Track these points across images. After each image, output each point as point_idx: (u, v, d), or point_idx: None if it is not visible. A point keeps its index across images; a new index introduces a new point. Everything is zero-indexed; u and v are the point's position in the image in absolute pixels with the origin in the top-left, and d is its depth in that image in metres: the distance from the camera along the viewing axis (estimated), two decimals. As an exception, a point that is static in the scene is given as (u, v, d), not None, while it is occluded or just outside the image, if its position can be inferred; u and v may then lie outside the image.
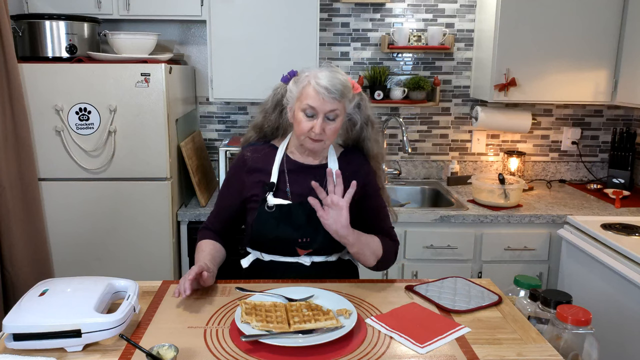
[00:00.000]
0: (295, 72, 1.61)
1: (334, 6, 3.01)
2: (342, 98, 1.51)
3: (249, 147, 1.69)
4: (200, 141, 3.00)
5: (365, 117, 1.64)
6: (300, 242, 1.59)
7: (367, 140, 1.67)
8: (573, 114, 3.19)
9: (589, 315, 1.24)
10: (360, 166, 1.67)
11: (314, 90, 1.49)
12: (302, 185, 1.61)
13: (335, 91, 1.48)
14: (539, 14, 2.71)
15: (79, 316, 1.21)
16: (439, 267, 2.57)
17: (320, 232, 1.56)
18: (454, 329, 1.33)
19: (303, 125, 1.52)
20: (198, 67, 3.04)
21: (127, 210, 2.44)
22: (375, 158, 1.69)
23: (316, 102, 1.49)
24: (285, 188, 1.62)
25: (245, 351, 1.21)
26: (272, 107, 1.66)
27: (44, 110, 2.34)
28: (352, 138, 1.69)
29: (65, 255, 2.47)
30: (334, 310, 1.36)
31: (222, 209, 1.72)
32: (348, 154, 1.69)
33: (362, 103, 1.62)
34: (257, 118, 1.71)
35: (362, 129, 1.65)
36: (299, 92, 1.53)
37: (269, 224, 1.58)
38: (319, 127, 1.50)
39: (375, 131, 1.67)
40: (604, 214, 2.57)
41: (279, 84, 1.66)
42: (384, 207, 1.71)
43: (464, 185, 3.05)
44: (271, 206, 1.58)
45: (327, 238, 1.56)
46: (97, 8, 2.56)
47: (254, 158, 1.66)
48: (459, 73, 3.12)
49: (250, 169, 1.64)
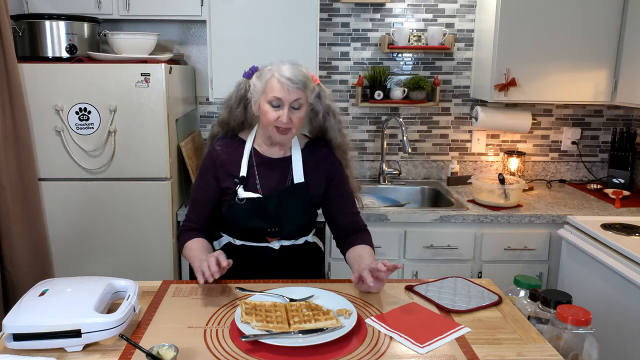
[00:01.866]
0: (257, 68, 1.69)
1: (334, 6, 3.01)
2: (305, 88, 1.60)
3: (218, 141, 1.76)
4: (200, 141, 3.00)
5: (326, 106, 1.72)
6: (270, 232, 1.69)
7: (330, 130, 1.74)
8: (573, 114, 3.19)
9: (589, 315, 1.24)
10: (324, 157, 1.75)
11: (278, 82, 1.57)
12: (270, 178, 1.70)
13: (298, 81, 1.57)
14: (539, 14, 2.71)
15: (79, 316, 1.21)
16: (439, 267, 2.57)
17: (287, 221, 1.69)
18: (454, 329, 1.33)
19: (270, 116, 1.59)
20: (198, 67, 3.04)
21: (127, 210, 2.44)
22: (340, 147, 1.77)
23: (281, 93, 1.57)
24: (255, 181, 1.70)
25: (245, 351, 1.21)
26: (237, 102, 1.73)
27: (44, 110, 2.34)
28: (316, 128, 1.77)
29: (65, 256, 2.47)
30: (334, 310, 1.36)
31: (199, 203, 1.76)
32: (313, 144, 1.77)
33: (321, 94, 1.71)
34: (222, 114, 1.78)
35: (325, 119, 1.73)
36: (264, 85, 1.61)
37: (240, 216, 1.68)
38: (286, 117, 1.58)
39: (337, 121, 1.75)
40: (604, 214, 2.56)
41: (242, 79, 1.73)
42: (349, 195, 1.80)
43: (464, 185, 3.05)
44: (242, 199, 1.66)
45: (294, 226, 1.70)
46: (97, 8, 2.56)
47: (224, 152, 1.72)
48: (459, 73, 3.12)
49: (221, 162, 1.71)
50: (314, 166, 1.72)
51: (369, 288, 1.51)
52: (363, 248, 1.69)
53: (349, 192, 1.79)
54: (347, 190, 1.79)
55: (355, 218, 1.80)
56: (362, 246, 1.70)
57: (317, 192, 1.73)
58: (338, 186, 1.77)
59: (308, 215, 1.75)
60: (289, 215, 1.68)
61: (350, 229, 1.77)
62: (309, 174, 1.71)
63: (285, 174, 1.71)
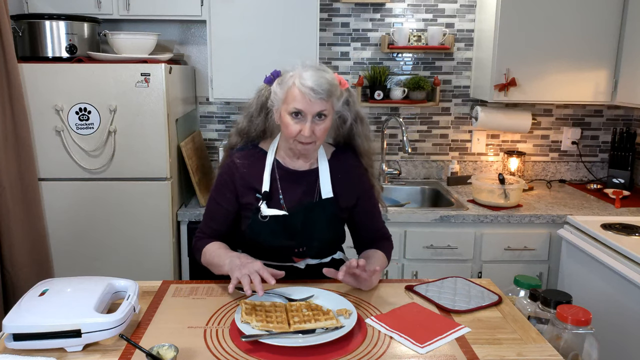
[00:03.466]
0: (279, 73, 1.54)
1: (334, 6, 3.01)
2: (330, 97, 1.45)
3: (237, 152, 1.62)
4: (200, 141, 3.00)
5: (354, 113, 1.59)
6: (297, 252, 1.59)
7: (357, 137, 1.62)
8: (573, 114, 3.19)
9: (589, 315, 1.24)
10: (352, 169, 1.63)
11: (300, 91, 1.42)
12: (295, 192, 1.58)
13: (322, 91, 1.42)
14: (539, 14, 2.71)
15: (79, 316, 1.21)
16: (439, 267, 2.57)
17: (315, 239, 1.57)
18: (454, 329, 1.33)
19: (291, 129, 1.46)
20: (198, 67, 3.04)
21: (127, 210, 2.44)
22: (366, 155, 1.65)
23: (303, 104, 1.43)
24: (278, 196, 1.57)
25: (245, 351, 1.21)
26: (258, 110, 1.58)
27: (44, 110, 2.34)
28: (343, 135, 1.64)
29: (65, 256, 2.47)
30: (334, 310, 1.36)
31: (216, 215, 1.63)
32: (339, 153, 1.64)
33: (350, 99, 1.56)
34: (241, 123, 1.63)
35: (352, 126, 1.60)
36: (284, 94, 1.47)
37: (263, 234, 1.55)
38: (309, 130, 1.44)
39: (365, 127, 1.62)
40: (604, 214, 2.56)
41: (262, 85, 1.59)
42: (376, 206, 1.70)
43: (464, 185, 3.04)
44: (265, 216, 1.54)
45: (323, 243, 1.58)
46: (97, 8, 2.56)
47: (244, 164, 1.59)
48: (459, 73, 3.12)
49: (241, 175, 1.58)
50: (342, 178, 1.59)
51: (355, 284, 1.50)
52: (375, 251, 1.64)
53: (376, 205, 1.70)
54: (375, 205, 1.69)
55: (380, 229, 1.72)
56: (375, 250, 1.65)
57: (347, 205, 1.62)
58: (367, 201, 1.66)
59: (337, 231, 1.64)
60: (316, 232, 1.55)
61: (373, 236, 1.70)
62: (337, 187, 1.58)
63: (312, 187, 1.57)
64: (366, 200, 1.67)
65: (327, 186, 1.57)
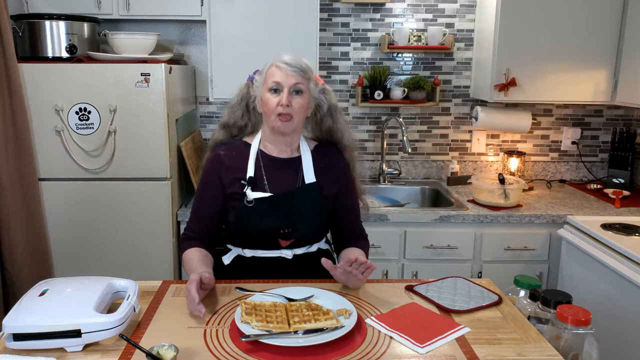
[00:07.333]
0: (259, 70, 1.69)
1: (334, 6, 3.01)
2: (305, 75, 1.59)
3: (221, 146, 1.71)
4: (200, 141, 3.00)
5: (329, 102, 1.70)
6: (282, 233, 1.63)
7: (337, 131, 1.72)
8: (573, 114, 3.19)
9: (589, 315, 1.24)
10: (335, 160, 1.73)
11: (276, 67, 1.58)
12: (280, 178, 1.66)
13: (296, 65, 1.56)
14: (539, 14, 2.71)
15: (79, 316, 1.21)
16: (439, 267, 2.57)
17: (301, 221, 1.63)
18: (454, 329, 1.33)
19: (271, 103, 1.57)
20: (198, 67, 3.04)
21: (127, 210, 2.44)
22: (348, 148, 1.75)
23: (280, 77, 1.56)
24: (263, 182, 1.65)
25: (245, 351, 1.21)
26: (238, 102, 1.72)
27: (44, 110, 2.34)
28: (323, 130, 1.74)
29: (65, 256, 2.47)
30: (334, 310, 1.36)
31: (202, 212, 1.70)
32: (322, 147, 1.74)
33: (326, 89, 1.69)
34: (224, 116, 1.75)
35: (331, 117, 1.71)
36: (264, 77, 1.61)
37: (250, 219, 1.61)
38: (286, 99, 1.55)
39: (344, 120, 1.74)
40: (604, 214, 2.56)
41: (245, 82, 1.73)
42: (356, 204, 1.79)
43: (464, 185, 3.05)
44: (250, 200, 1.60)
45: (308, 226, 1.64)
46: (97, 8, 2.56)
47: (229, 156, 1.67)
48: (459, 73, 3.12)
49: (226, 167, 1.66)
50: (324, 168, 1.69)
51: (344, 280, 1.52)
52: (358, 250, 1.71)
53: (356, 202, 1.79)
54: (355, 201, 1.78)
55: (358, 229, 1.80)
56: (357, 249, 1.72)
57: (329, 194, 1.68)
58: (347, 196, 1.74)
59: (322, 216, 1.68)
60: (302, 214, 1.62)
61: (351, 235, 1.78)
62: (320, 175, 1.67)
63: (295, 174, 1.66)
64: (347, 195, 1.75)
65: (310, 172, 1.66)
